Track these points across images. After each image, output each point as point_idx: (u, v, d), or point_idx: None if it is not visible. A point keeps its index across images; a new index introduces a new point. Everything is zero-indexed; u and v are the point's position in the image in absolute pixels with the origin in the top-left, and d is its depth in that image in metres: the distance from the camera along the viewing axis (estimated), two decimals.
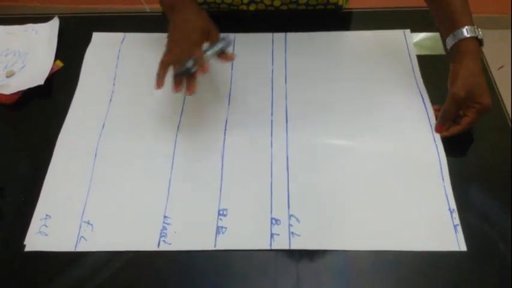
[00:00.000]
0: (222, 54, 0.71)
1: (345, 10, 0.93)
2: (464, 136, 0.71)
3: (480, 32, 0.70)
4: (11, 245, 0.64)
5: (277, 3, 0.91)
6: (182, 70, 0.67)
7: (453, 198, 0.66)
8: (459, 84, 0.69)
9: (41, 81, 0.79)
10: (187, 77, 0.68)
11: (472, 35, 0.69)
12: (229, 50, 0.84)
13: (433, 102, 0.76)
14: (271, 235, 0.63)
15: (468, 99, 0.69)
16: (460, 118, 0.72)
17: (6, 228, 0.65)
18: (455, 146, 0.71)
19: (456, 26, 0.70)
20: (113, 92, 0.80)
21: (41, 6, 2.11)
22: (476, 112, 0.69)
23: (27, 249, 0.63)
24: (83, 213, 0.66)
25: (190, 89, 0.68)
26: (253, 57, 0.84)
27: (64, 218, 0.66)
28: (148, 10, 1.97)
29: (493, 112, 0.71)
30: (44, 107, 0.79)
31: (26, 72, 0.81)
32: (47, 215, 0.66)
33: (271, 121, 0.75)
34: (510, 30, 1.99)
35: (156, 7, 0.89)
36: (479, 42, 0.71)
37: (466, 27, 0.70)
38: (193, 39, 0.69)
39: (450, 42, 0.72)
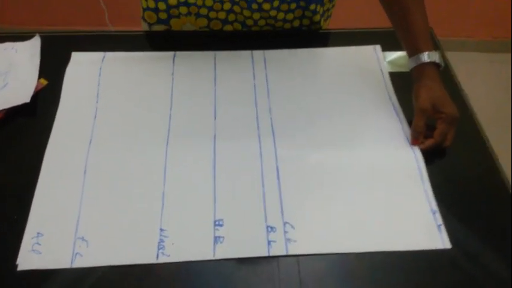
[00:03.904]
0: None
1: (321, 31, 0.94)
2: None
3: (438, 56, 0.73)
4: (2, 266, 0.59)
5: (256, 16, 0.90)
6: None
7: (434, 199, 0.67)
8: (422, 98, 0.72)
9: (27, 99, 0.74)
10: None
11: (430, 60, 0.73)
12: (210, 66, 0.84)
13: (406, 114, 0.77)
14: (268, 242, 0.62)
15: (434, 110, 0.71)
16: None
17: None
18: (432, 153, 0.72)
19: (417, 51, 0.74)
20: (96, 109, 0.76)
21: (14, 28, 2.04)
22: (443, 122, 0.71)
23: (19, 268, 0.58)
24: (76, 230, 0.62)
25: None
26: (234, 74, 0.83)
27: (57, 236, 0.61)
28: (112, 30, 1.94)
29: (465, 124, 0.74)
30: (30, 125, 0.74)
31: (9, 91, 0.76)
32: (38, 233, 0.62)
33: (258, 135, 0.74)
34: (510, 53, 2.08)
35: (122, 29, 0.89)
36: (437, 65, 0.74)
37: (427, 52, 0.73)
38: None
39: (411, 64, 0.75)
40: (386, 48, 0.89)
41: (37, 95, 0.77)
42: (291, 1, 0.87)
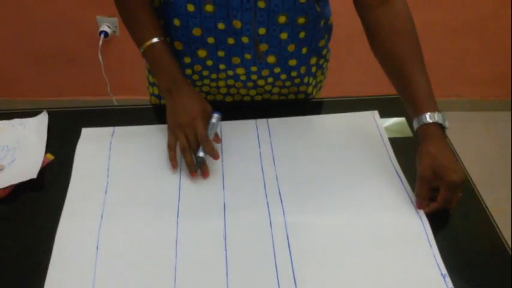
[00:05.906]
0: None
1: (315, 99, 0.96)
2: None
3: (441, 117, 0.71)
4: None
5: (252, 92, 0.93)
6: (199, 162, 0.76)
7: (443, 263, 0.66)
8: (424, 165, 0.71)
9: (34, 175, 0.74)
10: (201, 164, 0.76)
11: (433, 121, 0.71)
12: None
13: (409, 178, 0.77)
14: None
15: (436, 178, 0.70)
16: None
17: None
18: (435, 216, 0.72)
19: (420, 111, 0.72)
20: (107, 183, 0.76)
21: (22, 100, 2.08)
22: (446, 189, 0.70)
23: None
24: None
25: (206, 174, 0.77)
26: (240, 143, 0.84)
27: None
28: (115, 103, 1.99)
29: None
30: (37, 201, 0.73)
31: (16, 166, 0.76)
32: None
33: (267, 203, 0.73)
34: (510, 112, 2.09)
35: (123, 98, 0.91)
36: (441, 126, 0.72)
37: (428, 113, 0.71)
38: (193, 114, 0.77)
39: (415, 125, 0.74)
40: (380, 115, 0.90)
41: (44, 170, 0.77)
42: (285, 79, 0.90)
